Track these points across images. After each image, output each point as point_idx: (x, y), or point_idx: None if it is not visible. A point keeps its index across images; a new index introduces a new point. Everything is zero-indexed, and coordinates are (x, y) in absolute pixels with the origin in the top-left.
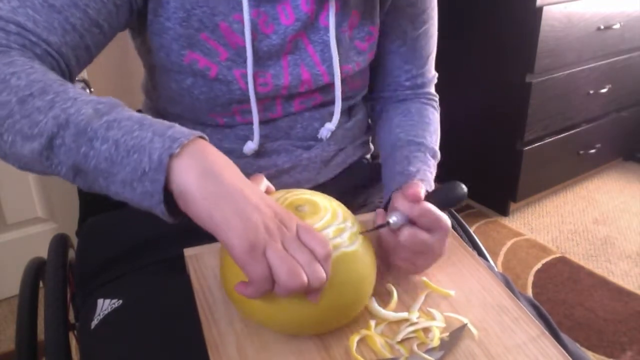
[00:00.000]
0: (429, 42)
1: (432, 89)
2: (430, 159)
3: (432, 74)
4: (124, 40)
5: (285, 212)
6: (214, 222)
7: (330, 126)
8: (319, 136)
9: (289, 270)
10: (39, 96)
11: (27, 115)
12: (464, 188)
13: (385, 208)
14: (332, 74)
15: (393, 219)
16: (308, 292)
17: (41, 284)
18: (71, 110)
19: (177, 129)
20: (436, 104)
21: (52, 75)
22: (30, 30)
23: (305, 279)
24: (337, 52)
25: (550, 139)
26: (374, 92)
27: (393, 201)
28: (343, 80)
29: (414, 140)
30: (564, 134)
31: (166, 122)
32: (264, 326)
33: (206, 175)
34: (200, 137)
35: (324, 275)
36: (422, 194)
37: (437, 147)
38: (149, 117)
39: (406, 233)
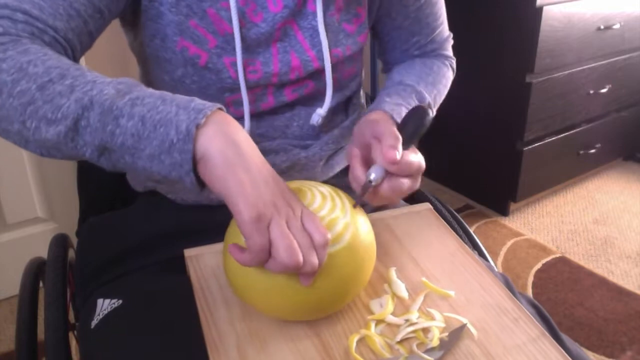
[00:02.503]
0: (433, 10)
1: (447, 50)
2: (414, 99)
3: (444, 37)
4: (123, 38)
5: (293, 196)
6: (228, 187)
7: (321, 111)
8: (311, 122)
9: (288, 247)
10: (58, 81)
11: (49, 100)
12: (428, 113)
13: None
14: (321, 59)
15: (373, 177)
16: (300, 274)
17: (41, 284)
18: (93, 92)
19: (198, 101)
20: (448, 62)
21: (66, 60)
22: (36, 17)
23: (301, 259)
24: (325, 37)
25: (550, 139)
26: (386, 67)
27: (372, 151)
28: (334, 66)
29: (404, 81)
30: (564, 134)
31: (185, 97)
32: (255, 307)
33: (228, 143)
34: (219, 108)
35: (317, 262)
36: (399, 149)
37: (427, 95)
38: (168, 92)
39: (385, 187)
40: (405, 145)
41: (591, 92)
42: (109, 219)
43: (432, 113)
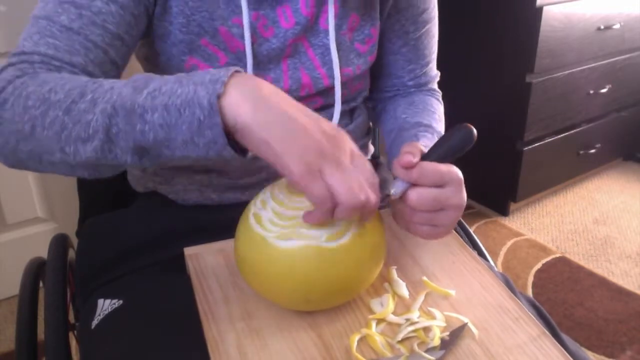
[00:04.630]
0: (430, 42)
1: (435, 86)
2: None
3: (435, 73)
4: None
5: (336, 131)
6: (272, 150)
7: None
8: None
9: (348, 189)
10: (80, 100)
11: (78, 121)
12: (469, 129)
13: None
14: (332, 77)
15: (393, 190)
16: (361, 215)
17: (41, 284)
18: (113, 98)
19: (213, 71)
20: (439, 97)
21: (82, 77)
22: (52, 56)
23: (363, 196)
24: (337, 55)
25: (550, 139)
26: (377, 93)
27: (392, 171)
28: (344, 84)
29: (422, 122)
30: (564, 134)
31: (200, 72)
32: (260, 294)
33: (255, 104)
34: (236, 71)
35: (375, 197)
36: (417, 156)
37: (443, 133)
38: (183, 73)
39: (411, 196)
40: (440, 160)
41: (591, 92)
42: (109, 219)
43: None
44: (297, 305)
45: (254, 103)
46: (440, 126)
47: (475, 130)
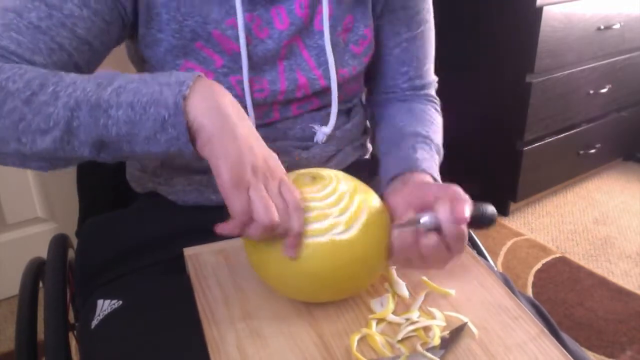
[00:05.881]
0: (425, 45)
1: (433, 92)
2: (435, 154)
3: (432, 78)
4: (123, 48)
5: (274, 162)
6: (213, 151)
7: (326, 130)
8: (315, 139)
9: (265, 207)
10: (40, 92)
11: (38, 112)
12: (495, 211)
13: (382, 197)
14: (328, 78)
15: (424, 219)
16: (284, 245)
17: (41, 284)
18: (77, 93)
19: (177, 73)
20: (437, 107)
21: (42, 69)
22: (13, 52)
23: (276, 217)
24: (332, 56)
25: (550, 139)
26: (374, 95)
27: (435, 200)
28: (340, 85)
29: (420, 132)
30: (564, 134)
31: (164, 73)
32: (265, 280)
33: (214, 109)
34: (199, 76)
35: (293, 225)
36: (467, 214)
37: (441, 145)
38: (147, 73)
39: (431, 241)
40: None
41: (591, 92)
42: (109, 219)
43: (441, 156)
44: (298, 294)
45: (212, 108)
46: (438, 138)
47: (495, 212)
